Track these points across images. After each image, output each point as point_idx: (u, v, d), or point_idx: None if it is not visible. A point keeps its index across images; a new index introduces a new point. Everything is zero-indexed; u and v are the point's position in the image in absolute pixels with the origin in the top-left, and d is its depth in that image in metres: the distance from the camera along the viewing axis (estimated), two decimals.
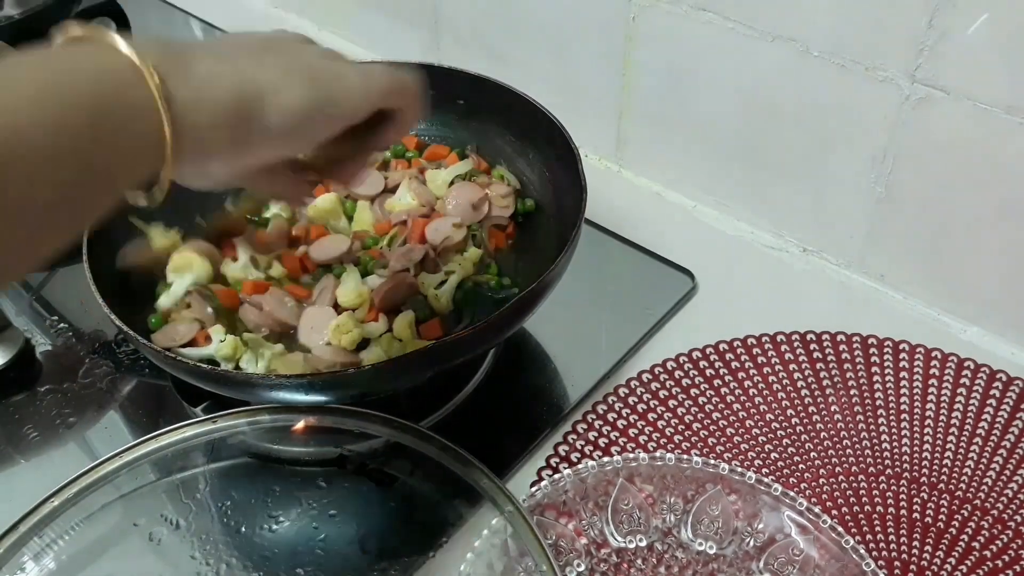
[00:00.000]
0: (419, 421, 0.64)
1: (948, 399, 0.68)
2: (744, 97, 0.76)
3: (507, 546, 0.56)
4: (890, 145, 0.70)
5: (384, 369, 0.58)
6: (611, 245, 0.82)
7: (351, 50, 1.09)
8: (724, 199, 0.85)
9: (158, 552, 0.60)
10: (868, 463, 0.65)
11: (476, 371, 0.70)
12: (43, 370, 0.73)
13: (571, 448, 0.66)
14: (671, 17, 0.77)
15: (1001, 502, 0.62)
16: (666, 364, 0.71)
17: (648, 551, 0.59)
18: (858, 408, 0.68)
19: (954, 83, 0.64)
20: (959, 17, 0.61)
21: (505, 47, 0.92)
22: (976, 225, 0.69)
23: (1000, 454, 0.65)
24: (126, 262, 0.67)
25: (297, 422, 0.63)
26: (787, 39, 0.70)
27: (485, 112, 0.77)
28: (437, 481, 0.61)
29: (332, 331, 0.64)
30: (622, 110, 0.87)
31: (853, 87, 0.69)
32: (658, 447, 0.66)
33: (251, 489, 0.64)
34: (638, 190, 0.90)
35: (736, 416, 0.68)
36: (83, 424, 0.69)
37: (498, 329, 0.61)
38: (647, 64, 0.81)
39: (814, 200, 0.78)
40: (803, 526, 0.57)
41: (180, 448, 0.62)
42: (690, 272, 0.79)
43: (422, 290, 0.68)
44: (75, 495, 0.59)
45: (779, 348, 0.72)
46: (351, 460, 0.64)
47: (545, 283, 0.60)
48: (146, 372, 0.72)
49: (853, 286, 0.79)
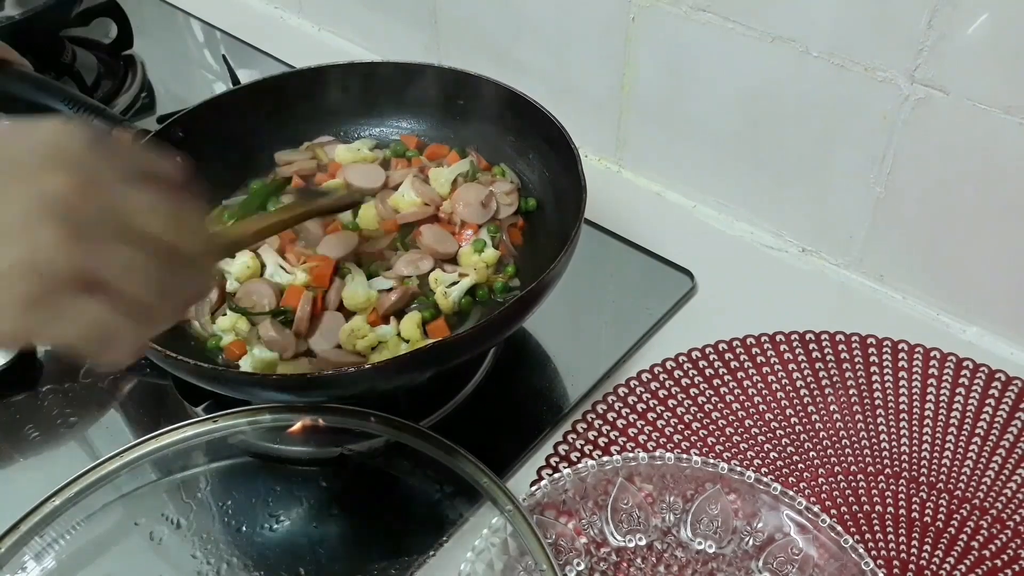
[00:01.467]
0: (419, 421, 0.64)
1: (947, 398, 0.68)
2: (744, 97, 0.76)
3: (507, 545, 0.57)
4: (890, 145, 0.70)
5: (384, 368, 0.58)
6: (611, 245, 0.82)
7: (351, 50, 1.10)
8: (724, 199, 0.85)
9: (159, 552, 0.60)
10: (867, 462, 0.65)
11: (476, 371, 0.70)
12: (44, 370, 0.73)
13: (571, 447, 0.66)
14: (671, 17, 0.77)
15: (1000, 501, 0.62)
16: (666, 364, 0.71)
17: (648, 550, 0.59)
18: (857, 408, 0.68)
19: (954, 83, 0.64)
20: (959, 17, 0.61)
21: (505, 47, 0.92)
22: (976, 225, 0.69)
23: (999, 453, 0.65)
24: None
25: (297, 422, 0.63)
26: (787, 39, 0.71)
27: (485, 112, 0.77)
28: (437, 481, 0.62)
29: (345, 336, 0.65)
30: (622, 110, 0.87)
31: (853, 87, 0.69)
32: (658, 447, 0.66)
33: (252, 489, 0.64)
34: (638, 190, 0.90)
35: (735, 416, 0.68)
36: (84, 424, 0.69)
37: (498, 329, 0.62)
38: (647, 64, 0.82)
39: (814, 200, 0.78)
40: (802, 525, 0.58)
41: (181, 448, 0.62)
42: (690, 272, 0.79)
43: (432, 286, 0.68)
44: (76, 495, 0.59)
45: (779, 348, 0.72)
46: (351, 460, 0.65)
47: (545, 283, 0.60)
48: (147, 372, 0.72)
49: (853, 286, 0.79)
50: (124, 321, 0.39)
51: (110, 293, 0.38)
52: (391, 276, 0.69)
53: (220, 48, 1.12)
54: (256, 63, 1.07)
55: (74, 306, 0.37)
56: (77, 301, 0.37)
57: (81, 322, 0.38)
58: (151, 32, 1.13)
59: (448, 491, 0.62)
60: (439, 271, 0.69)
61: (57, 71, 1.00)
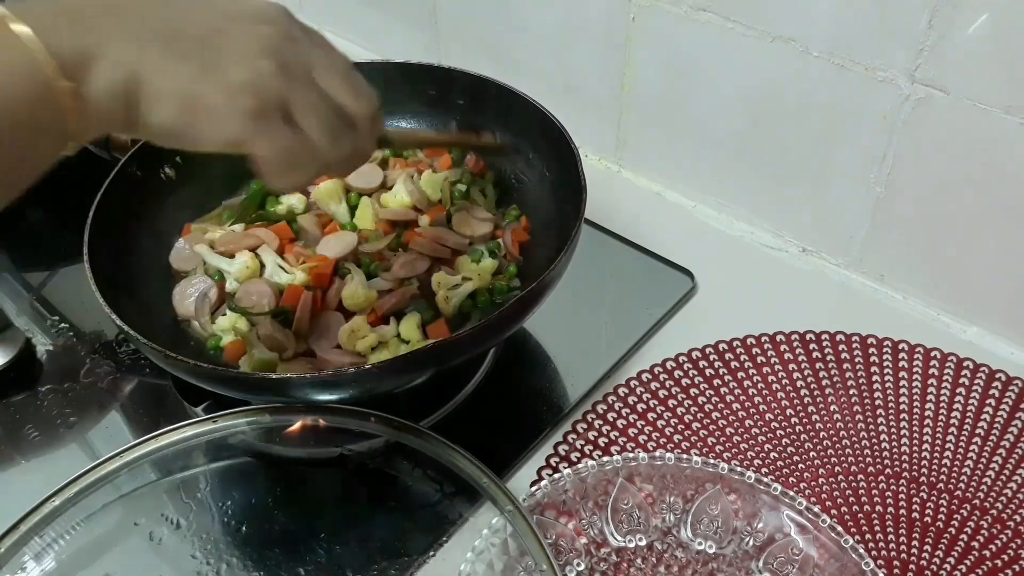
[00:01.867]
0: (419, 421, 0.64)
1: (947, 399, 0.68)
2: (744, 97, 0.76)
3: (507, 545, 0.57)
4: (890, 145, 0.70)
5: (384, 368, 0.58)
6: (611, 245, 0.82)
7: (351, 50, 1.09)
8: (724, 199, 0.85)
9: (158, 552, 0.60)
10: (867, 463, 0.65)
11: (476, 371, 0.70)
12: (44, 370, 0.74)
13: (571, 448, 0.66)
14: (671, 17, 0.77)
15: (1000, 501, 0.62)
16: (666, 364, 0.71)
17: (648, 550, 0.59)
18: (857, 408, 0.68)
19: (954, 83, 0.64)
20: (959, 17, 0.61)
21: (505, 47, 0.92)
22: (976, 225, 0.69)
23: (999, 453, 0.65)
24: None
25: (297, 422, 0.63)
26: (787, 39, 0.71)
27: (485, 112, 0.77)
28: (437, 481, 0.62)
29: (345, 336, 0.65)
30: (622, 110, 0.87)
31: (853, 87, 0.69)
32: (658, 447, 0.66)
33: (252, 489, 0.64)
34: (638, 190, 0.90)
35: (736, 416, 0.68)
36: (84, 424, 0.69)
37: (498, 329, 0.62)
38: (647, 64, 0.81)
39: (814, 200, 0.78)
40: (802, 525, 0.57)
41: (180, 448, 0.62)
42: (690, 272, 0.79)
43: (435, 288, 0.68)
44: (75, 495, 0.59)
45: (779, 348, 0.72)
46: (351, 460, 0.65)
47: (545, 283, 0.60)
48: (147, 372, 0.72)
49: (853, 286, 0.79)
50: (303, 153, 0.47)
51: (295, 128, 0.46)
52: (389, 278, 0.69)
53: None
54: None
55: (275, 127, 0.46)
56: (277, 123, 0.46)
57: (278, 143, 0.46)
58: None
59: (448, 491, 0.62)
60: (443, 274, 0.69)
61: None
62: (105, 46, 0.42)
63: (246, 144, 0.46)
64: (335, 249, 0.70)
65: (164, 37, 0.44)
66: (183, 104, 0.44)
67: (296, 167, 0.48)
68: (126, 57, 0.43)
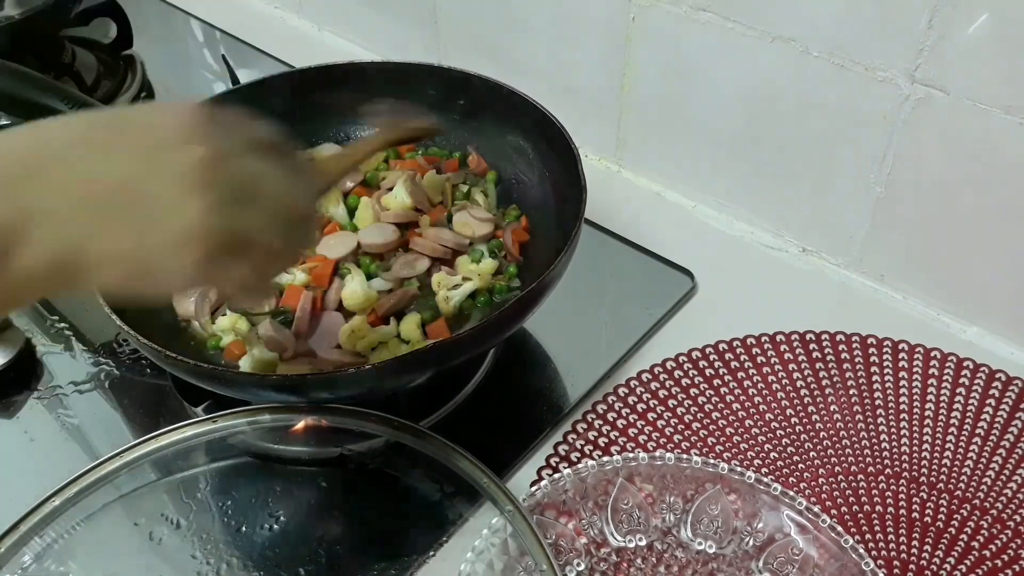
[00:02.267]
0: (419, 421, 0.64)
1: (947, 399, 0.68)
2: (744, 97, 0.76)
3: (507, 545, 0.57)
4: (890, 145, 0.70)
5: (384, 368, 0.58)
6: (611, 245, 0.82)
7: (351, 50, 1.10)
8: (724, 199, 0.85)
9: (158, 552, 0.60)
10: (867, 463, 0.65)
11: (476, 371, 0.70)
12: (44, 370, 0.74)
13: (571, 448, 0.66)
14: (671, 17, 0.77)
15: (1000, 501, 0.62)
16: (666, 364, 0.71)
17: (648, 550, 0.59)
18: (857, 408, 0.68)
19: (954, 83, 0.64)
20: (959, 17, 0.61)
21: (505, 47, 0.92)
22: (976, 225, 0.69)
23: (999, 453, 0.65)
24: None
25: (297, 422, 0.63)
26: (787, 39, 0.71)
27: (485, 112, 0.77)
28: (437, 481, 0.62)
29: (345, 336, 0.65)
30: (622, 110, 0.87)
31: (853, 87, 0.69)
32: (658, 447, 0.66)
33: (251, 489, 0.64)
34: (638, 190, 0.90)
35: (736, 416, 0.68)
36: (84, 424, 0.69)
37: (498, 329, 0.62)
38: (647, 64, 0.81)
39: (814, 200, 0.78)
40: (802, 525, 0.57)
41: (180, 448, 0.62)
42: (690, 272, 0.79)
43: (435, 288, 0.68)
44: (75, 495, 0.59)
45: (779, 348, 0.72)
46: (351, 460, 0.65)
47: (545, 283, 0.60)
48: (147, 372, 0.72)
49: (853, 286, 0.79)
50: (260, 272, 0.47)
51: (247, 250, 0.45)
52: (389, 278, 0.69)
53: (220, 48, 1.12)
54: (256, 63, 1.07)
55: (225, 263, 0.44)
56: (226, 259, 0.44)
57: (233, 276, 0.45)
58: (151, 32, 1.13)
59: (448, 491, 0.62)
60: (443, 274, 0.69)
61: (57, 71, 1.00)
62: (35, 214, 0.40)
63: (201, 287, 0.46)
64: (335, 249, 0.70)
65: (93, 196, 0.41)
66: (129, 269, 0.42)
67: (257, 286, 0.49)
68: (60, 227, 0.40)
